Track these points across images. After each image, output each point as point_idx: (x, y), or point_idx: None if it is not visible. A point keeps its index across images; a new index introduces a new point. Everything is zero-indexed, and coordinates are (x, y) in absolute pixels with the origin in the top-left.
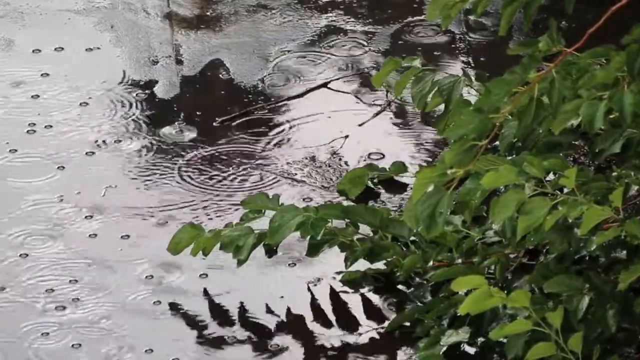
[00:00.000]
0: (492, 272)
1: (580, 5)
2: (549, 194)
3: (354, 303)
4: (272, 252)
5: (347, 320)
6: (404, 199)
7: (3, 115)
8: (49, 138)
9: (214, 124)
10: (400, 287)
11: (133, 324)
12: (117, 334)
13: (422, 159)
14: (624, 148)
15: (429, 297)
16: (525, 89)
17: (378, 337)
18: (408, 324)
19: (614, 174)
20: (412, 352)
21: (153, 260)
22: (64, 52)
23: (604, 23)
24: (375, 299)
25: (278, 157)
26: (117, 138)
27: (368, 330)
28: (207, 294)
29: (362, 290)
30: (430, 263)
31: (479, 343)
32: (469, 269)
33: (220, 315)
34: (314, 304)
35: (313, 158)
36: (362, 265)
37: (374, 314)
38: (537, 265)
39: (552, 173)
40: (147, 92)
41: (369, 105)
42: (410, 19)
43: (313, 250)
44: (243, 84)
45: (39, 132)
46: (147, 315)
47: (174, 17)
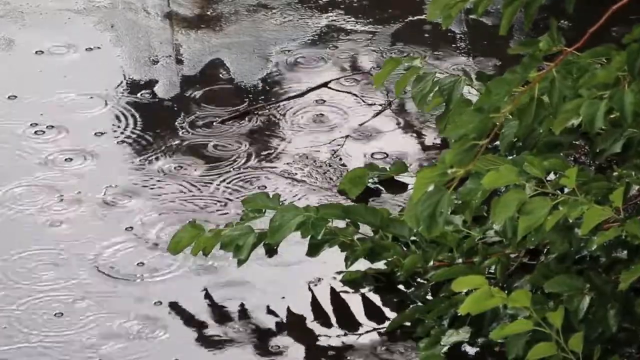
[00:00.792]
0: (492, 272)
1: (581, 5)
2: (550, 194)
3: (354, 303)
4: (272, 251)
5: (347, 320)
6: (405, 199)
7: (4, 115)
8: (49, 138)
9: (214, 124)
10: (401, 287)
11: None
12: None
13: (422, 159)
14: (625, 148)
15: (430, 297)
16: (526, 89)
17: (378, 337)
18: (408, 324)
19: (615, 174)
20: (412, 352)
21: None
22: (64, 51)
23: (605, 22)
24: (376, 299)
25: (278, 157)
26: (117, 138)
27: (368, 330)
28: (207, 294)
29: (362, 290)
30: (431, 263)
31: (480, 343)
32: (470, 269)
33: (220, 315)
34: (314, 304)
35: (313, 158)
36: (362, 265)
37: (374, 314)
38: (537, 265)
39: (552, 173)
40: (147, 91)
41: (369, 105)
42: (411, 19)
43: (313, 250)
44: (243, 84)
45: (39, 132)
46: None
47: (174, 16)
